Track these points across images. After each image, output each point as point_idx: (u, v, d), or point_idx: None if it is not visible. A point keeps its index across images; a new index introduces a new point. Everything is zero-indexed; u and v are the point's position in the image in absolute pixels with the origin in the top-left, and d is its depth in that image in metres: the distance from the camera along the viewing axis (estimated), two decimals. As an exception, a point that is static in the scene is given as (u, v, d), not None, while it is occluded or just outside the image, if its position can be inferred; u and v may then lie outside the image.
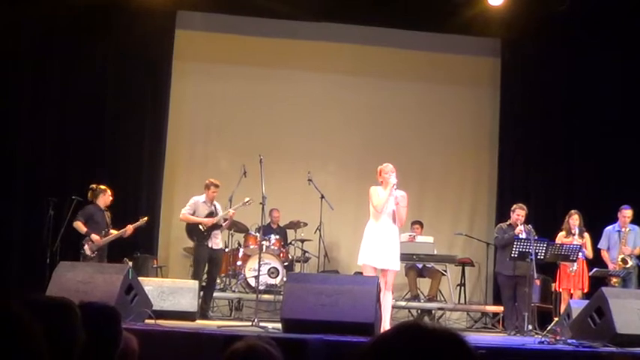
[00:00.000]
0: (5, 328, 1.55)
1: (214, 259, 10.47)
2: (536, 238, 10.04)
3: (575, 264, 10.27)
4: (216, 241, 10.45)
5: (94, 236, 9.99)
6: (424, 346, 1.49)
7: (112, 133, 12.24)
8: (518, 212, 10.30)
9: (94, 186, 10.31)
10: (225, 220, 10.52)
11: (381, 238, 8.52)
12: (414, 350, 1.48)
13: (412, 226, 11.99)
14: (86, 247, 9.99)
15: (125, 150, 12.27)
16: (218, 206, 10.54)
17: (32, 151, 11.80)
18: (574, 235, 10.42)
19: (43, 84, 11.93)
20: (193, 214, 10.44)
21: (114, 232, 10.18)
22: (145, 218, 10.63)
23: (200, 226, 10.36)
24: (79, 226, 10.06)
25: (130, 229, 10.22)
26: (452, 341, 1.51)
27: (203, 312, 9.90)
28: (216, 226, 10.44)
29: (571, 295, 10.31)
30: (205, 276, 10.41)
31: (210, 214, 10.43)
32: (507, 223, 10.48)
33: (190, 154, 13.11)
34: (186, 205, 10.54)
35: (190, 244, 10.84)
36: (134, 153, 12.34)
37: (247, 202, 10.46)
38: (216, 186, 10.45)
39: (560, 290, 10.52)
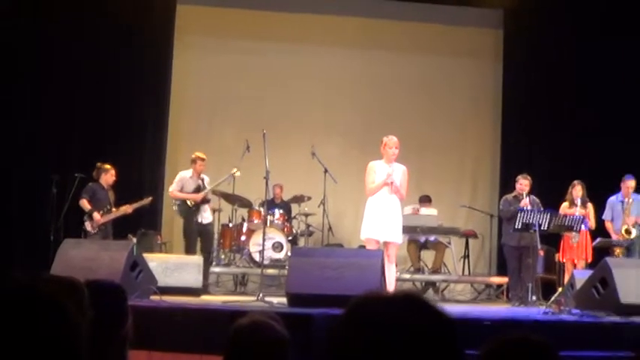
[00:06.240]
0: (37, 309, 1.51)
1: (205, 233, 10.49)
2: (541, 209, 10.04)
3: (577, 235, 10.28)
4: (206, 215, 10.46)
5: (95, 214, 10.07)
6: (382, 311, 1.42)
7: (114, 109, 12.20)
8: (522, 182, 10.31)
9: (99, 164, 10.36)
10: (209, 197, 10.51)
11: (382, 211, 8.55)
12: (376, 315, 1.41)
13: (421, 203, 12.00)
14: (87, 223, 10.07)
15: (128, 126, 12.25)
16: (206, 179, 10.54)
17: (34, 128, 11.78)
18: (577, 205, 10.41)
19: (44, 60, 11.88)
20: (181, 190, 10.45)
21: (115, 210, 10.22)
22: (150, 199, 10.65)
23: (188, 202, 10.37)
24: (84, 203, 10.13)
25: (128, 208, 10.26)
26: (411, 302, 1.45)
27: (203, 287, 9.90)
28: (204, 201, 10.45)
29: (575, 266, 10.33)
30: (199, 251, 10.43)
31: (198, 189, 10.43)
32: (512, 194, 10.45)
33: (193, 129, 13.09)
34: (174, 182, 10.57)
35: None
36: (137, 129, 12.31)
37: (233, 173, 10.46)
38: (202, 159, 10.44)
39: (564, 261, 10.54)
